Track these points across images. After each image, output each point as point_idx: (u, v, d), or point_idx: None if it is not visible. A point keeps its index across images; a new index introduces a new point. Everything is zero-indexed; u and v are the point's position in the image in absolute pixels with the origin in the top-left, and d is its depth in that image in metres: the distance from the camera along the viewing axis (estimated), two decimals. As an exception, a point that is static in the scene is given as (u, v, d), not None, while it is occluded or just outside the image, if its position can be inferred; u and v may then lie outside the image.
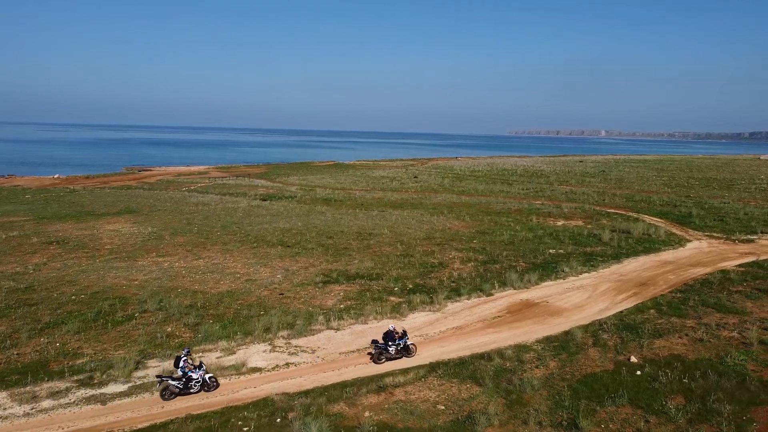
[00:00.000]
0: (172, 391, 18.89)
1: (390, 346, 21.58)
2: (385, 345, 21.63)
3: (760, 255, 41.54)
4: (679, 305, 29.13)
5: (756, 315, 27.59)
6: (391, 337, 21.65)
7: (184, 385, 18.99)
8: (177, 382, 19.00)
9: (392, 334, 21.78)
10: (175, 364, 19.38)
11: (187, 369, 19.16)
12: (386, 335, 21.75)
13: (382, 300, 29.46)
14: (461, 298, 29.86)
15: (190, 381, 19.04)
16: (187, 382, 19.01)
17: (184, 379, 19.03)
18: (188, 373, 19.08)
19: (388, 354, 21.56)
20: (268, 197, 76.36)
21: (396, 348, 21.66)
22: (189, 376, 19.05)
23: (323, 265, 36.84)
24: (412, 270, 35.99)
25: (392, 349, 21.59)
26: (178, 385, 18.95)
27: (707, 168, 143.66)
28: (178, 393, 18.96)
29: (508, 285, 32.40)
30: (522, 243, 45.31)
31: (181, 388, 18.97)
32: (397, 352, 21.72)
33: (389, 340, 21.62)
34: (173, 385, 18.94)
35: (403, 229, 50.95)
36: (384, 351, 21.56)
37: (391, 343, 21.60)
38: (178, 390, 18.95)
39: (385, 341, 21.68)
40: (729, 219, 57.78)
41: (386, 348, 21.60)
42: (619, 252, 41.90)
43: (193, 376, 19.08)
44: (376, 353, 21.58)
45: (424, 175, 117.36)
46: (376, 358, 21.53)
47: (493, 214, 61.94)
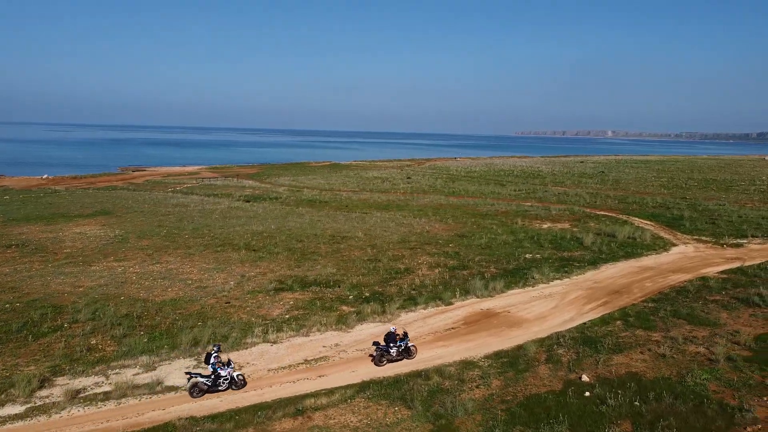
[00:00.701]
0: (200, 388, 18.75)
1: (391, 348, 21.22)
2: (386, 347, 21.26)
3: (746, 260, 39.62)
4: (648, 316, 27.31)
5: (729, 327, 25.74)
6: (393, 338, 21.27)
7: (212, 382, 18.90)
8: (205, 379, 18.86)
9: (393, 335, 21.39)
10: (206, 360, 19.24)
11: (217, 366, 19.03)
12: (387, 336, 21.36)
13: (332, 309, 27.77)
14: (417, 308, 28.12)
15: (218, 378, 18.96)
16: (215, 380, 18.93)
17: (213, 376, 18.94)
18: (218, 370, 18.96)
19: (390, 356, 21.24)
20: (252, 198, 74.82)
21: (397, 350, 21.35)
22: (218, 373, 18.94)
23: (283, 270, 35.20)
24: (375, 276, 34.30)
25: (393, 351, 21.27)
26: (206, 382, 18.85)
27: (709, 169, 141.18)
28: (207, 390, 18.88)
29: (471, 293, 30.65)
30: (499, 247, 43.54)
31: (210, 385, 18.87)
32: (398, 354, 21.41)
33: (391, 341, 21.25)
34: (202, 382, 18.81)
35: (379, 232, 49.26)
36: (386, 353, 21.23)
37: (393, 345, 21.23)
38: (207, 387, 18.87)
39: (386, 343, 21.29)
40: (721, 222, 55.82)
41: (387, 350, 21.25)
42: (598, 257, 40.05)
43: (221, 373, 18.97)
44: (378, 355, 21.19)
45: (418, 175, 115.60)
46: (378, 360, 21.11)
47: (478, 216, 60.17)
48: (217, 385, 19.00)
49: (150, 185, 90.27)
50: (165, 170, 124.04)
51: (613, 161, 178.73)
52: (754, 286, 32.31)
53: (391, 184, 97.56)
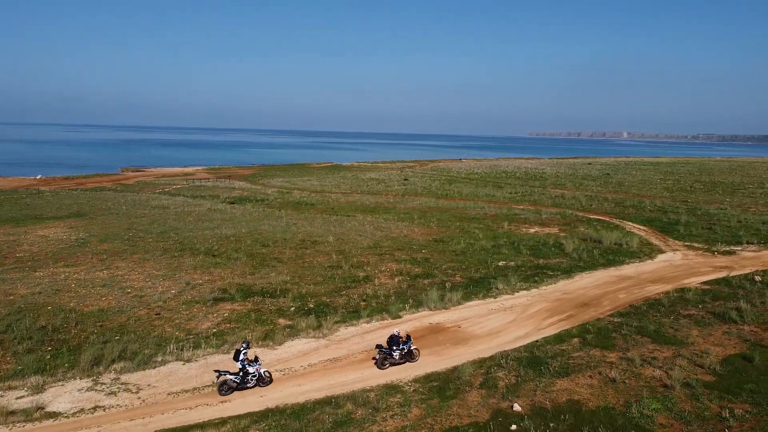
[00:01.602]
0: (230, 386, 18.74)
1: (394, 351, 20.82)
2: (389, 350, 20.86)
3: (734, 269, 36.99)
4: (609, 333, 24.94)
5: (696, 347, 23.29)
6: (396, 341, 20.84)
7: (241, 379, 18.86)
8: (234, 376, 18.85)
9: (397, 338, 20.92)
10: (235, 357, 19.13)
11: (246, 362, 18.96)
12: (391, 339, 20.92)
13: (266, 323, 25.74)
14: (359, 322, 25.99)
15: (246, 375, 18.93)
16: (244, 377, 18.89)
17: (241, 374, 18.88)
18: (246, 367, 18.93)
19: (393, 359, 20.85)
20: (237, 200, 73.16)
21: (400, 353, 20.95)
22: (246, 371, 18.90)
23: (234, 278, 33.26)
24: (329, 285, 32.24)
25: (396, 354, 20.89)
26: (235, 379, 18.83)
27: (719, 171, 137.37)
28: (236, 388, 18.86)
29: (424, 305, 28.45)
30: (475, 253, 41.28)
31: (239, 382, 18.84)
32: (401, 357, 21.05)
33: (394, 344, 20.85)
34: (231, 379, 18.76)
35: (352, 236, 47.20)
36: (388, 356, 20.81)
37: (396, 348, 20.82)
38: (236, 385, 18.85)
39: (389, 346, 20.89)
40: (718, 227, 53.04)
41: (390, 353, 20.84)
42: (575, 265, 37.65)
43: (249, 370, 18.92)
44: (380, 358, 20.75)
45: (416, 177, 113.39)
46: (380, 363, 20.72)
47: (464, 220, 57.91)
48: (246, 383, 18.88)
49: (139, 186, 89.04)
50: (162, 171, 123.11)
51: (622, 163, 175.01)
52: (735, 300, 29.77)
53: (385, 186, 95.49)
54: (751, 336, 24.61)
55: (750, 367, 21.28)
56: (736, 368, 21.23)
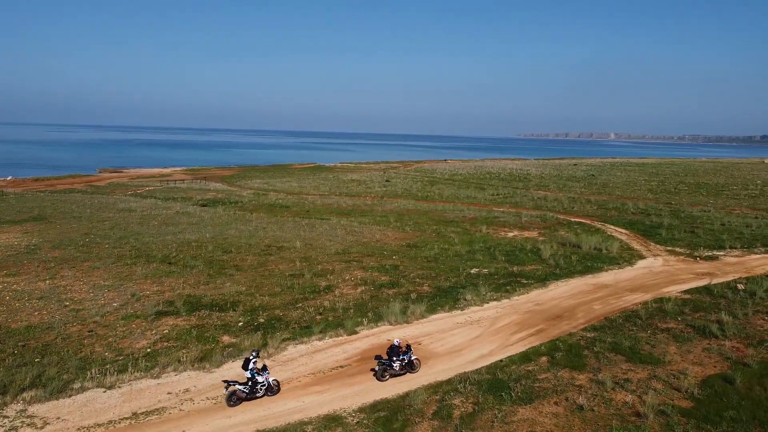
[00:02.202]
0: (239, 396, 17.98)
1: (394, 362, 19.92)
2: (389, 361, 19.95)
3: (716, 277, 35.28)
4: (581, 351, 22.99)
5: (673, 366, 21.40)
6: (396, 352, 19.97)
7: (250, 389, 18.11)
8: (243, 386, 18.05)
9: (397, 348, 20.01)
10: (244, 366, 18.32)
11: (255, 372, 18.24)
12: (390, 350, 20.02)
13: (207, 341, 23.53)
14: (311, 339, 23.84)
15: (256, 385, 18.22)
16: (253, 386, 18.16)
17: (250, 384, 18.14)
18: (255, 377, 18.18)
19: (393, 370, 19.96)
20: (210, 203, 70.79)
21: (400, 364, 20.06)
22: (255, 380, 18.16)
23: (184, 289, 30.99)
24: (286, 296, 30.08)
25: (396, 365, 19.98)
26: (244, 389, 18.06)
27: (704, 172, 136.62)
28: (245, 398, 18.05)
29: (384, 319, 26.37)
30: (447, 260, 39.30)
31: (247, 393, 18.06)
32: (401, 368, 20.16)
33: (394, 355, 19.96)
34: (240, 390, 18.02)
35: (322, 241, 45.05)
36: (388, 367, 19.90)
37: (396, 359, 19.93)
38: (245, 395, 18.05)
39: (389, 357, 19.97)
40: (701, 231, 51.49)
41: (390, 364, 19.92)
42: (551, 272, 35.77)
43: (259, 379, 18.23)
44: (380, 370, 19.82)
45: (398, 178, 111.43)
46: (380, 375, 19.79)
47: (441, 223, 55.98)
48: (255, 392, 18.17)
49: (111, 188, 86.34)
50: (139, 172, 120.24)
51: (608, 164, 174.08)
52: (716, 311, 27.98)
53: (366, 187, 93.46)
54: (733, 353, 22.78)
55: (731, 391, 19.40)
56: (716, 392, 19.34)
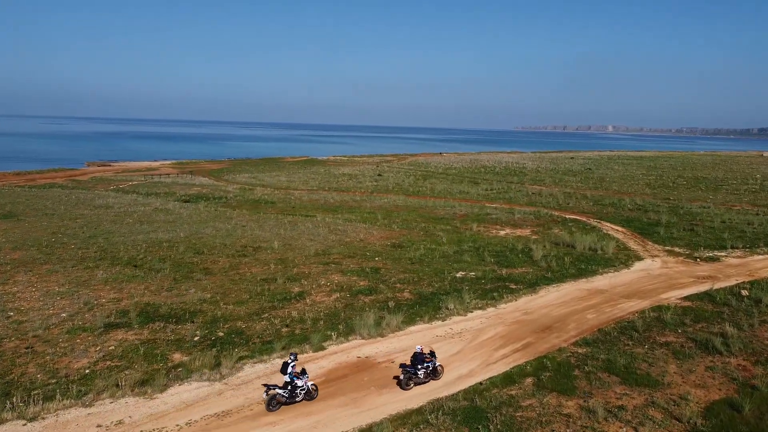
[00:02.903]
0: (278, 400, 17.72)
1: (419, 370, 19.28)
2: (414, 369, 19.30)
3: (718, 281, 33.04)
4: (571, 370, 20.69)
5: (673, 390, 19.10)
6: (420, 359, 19.34)
7: (289, 394, 17.82)
8: (283, 390, 17.78)
9: (421, 356, 19.38)
10: (282, 370, 18.07)
11: (294, 376, 17.92)
12: (415, 357, 19.38)
13: (157, 359, 21.17)
14: (271, 357, 21.49)
15: (295, 389, 17.93)
16: (292, 391, 17.86)
17: (290, 388, 17.85)
18: (294, 380, 17.89)
19: (417, 378, 19.31)
20: (192, 198, 68.32)
21: (425, 371, 19.43)
22: (294, 384, 17.89)
23: (143, 296, 28.61)
24: (253, 304, 27.72)
25: (421, 373, 19.34)
26: (284, 394, 17.78)
27: (702, 166, 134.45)
28: (284, 402, 17.80)
29: (356, 332, 24.02)
30: (432, 262, 36.99)
31: (287, 397, 17.79)
32: (425, 376, 19.53)
33: (418, 362, 19.31)
34: (280, 394, 17.72)
35: (302, 241, 42.67)
36: (413, 375, 19.27)
37: (420, 367, 19.28)
38: (285, 399, 17.78)
39: (413, 364, 19.30)
40: (701, 229, 49.28)
41: (415, 372, 19.28)
42: (542, 276, 33.48)
43: (298, 383, 17.96)
44: (405, 378, 19.19)
45: (391, 172, 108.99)
46: (404, 384, 19.19)
47: (431, 221, 53.67)
48: (294, 396, 17.92)
49: (93, 183, 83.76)
50: (126, 165, 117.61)
51: (605, 157, 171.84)
52: (720, 321, 25.72)
53: (356, 182, 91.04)
54: (739, 373, 20.52)
55: (738, 421, 17.13)
56: (722, 422, 17.07)
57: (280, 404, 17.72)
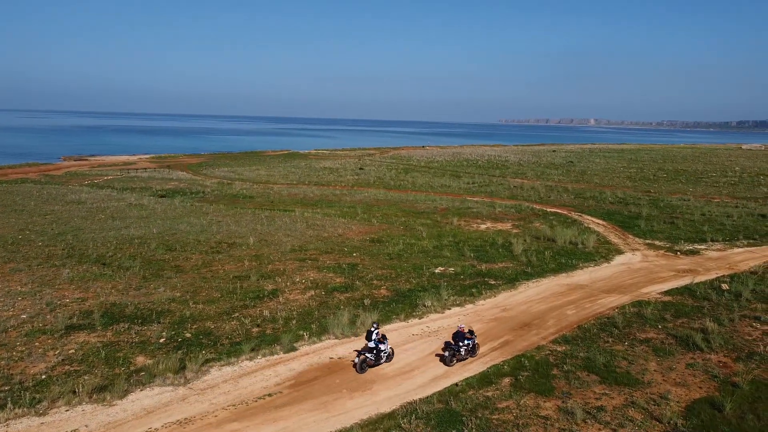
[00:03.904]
0: (368, 363, 19.91)
1: (461, 347, 20.56)
2: (457, 346, 20.56)
3: (698, 274, 32.78)
4: (549, 369, 20.11)
5: (653, 389, 18.60)
6: (462, 337, 20.66)
7: (375, 356, 19.94)
8: (371, 354, 19.85)
9: (462, 333, 20.74)
10: (368, 337, 20.00)
11: (378, 341, 19.90)
12: (456, 335, 20.72)
13: (119, 363, 20.20)
14: (240, 359, 20.61)
15: (380, 353, 20.00)
16: (377, 354, 19.93)
17: (375, 351, 19.87)
18: (378, 345, 19.94)
19: (459, 355, 20.61)
20: (169, 193, 66.87)
21: (466, 348, 20.71)
22: (379, 348, 19.96)
23: (110, 295, 27.52)
24: (224, 303, 26.77)
25: (463, 350, 20.67)
26: (371, 357, 19.89)
27: (682, 158, 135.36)
28: (372, 365, 19.98)
29: (330, 331, 23.22)
30: (412, 257, 36.30)
31: (374, 360, 19.95)
32: (466, 353, 20.85)
33: (460, 340, 20.61)
34: (369, 357, 19.86)
35: (279, 236, 41.73)
36: (456, 352, 20.55)
37: (462, 344, 20.57)
38: (372, 362, 19.96)
39: (455, 342, 20.60)
40: (681, 222, 49.24)
41: (458, 349, 20.57)
42: (522, 271, 32.94)
43: (381, 347, 20.03)
44: (449, 355, 20.45)
45: (373, 166, 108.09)
46: (449, 360, 20.46)
47: (411, 215, 52.97)
48: (379, 359, 20.05)
49: (67, 177, 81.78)
50: (102, 160, 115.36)
51: (587, 150, 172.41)
52: (700, 316, 25.37)
53: (337, 176, 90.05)
54: (720, 370, 20.10)
55: (720, 421, 16.66)
56: (703, 422, 16.59)
57: (369, 366, 19.87)
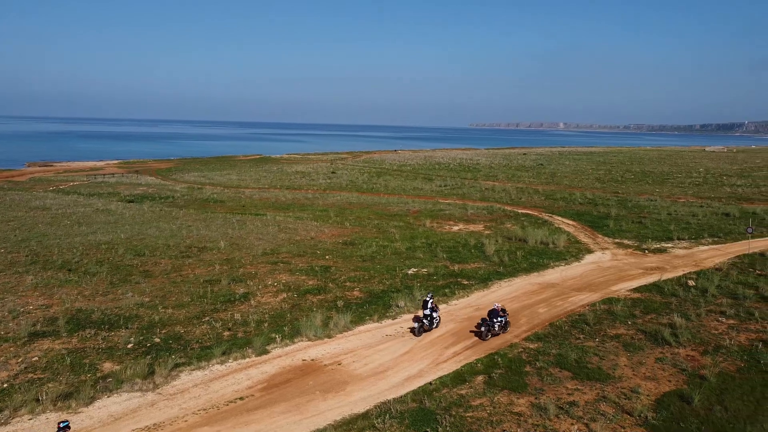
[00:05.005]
0: (424, 328, 22.91)
1: (495, 323, 22.65)
2: (492, 323, 22.64)
3: (666, 272, 33.38)
4: (522, 366, 20.22)
5: (624, 383, 18.83)
6: (496, 314, 22.75)
7: (429, 322, 22.86)
8: (426, 321, 22.83)
9: (497, 311, 22.89)
10: (424, 306, 23.04)
11: (431, 309, 22.80)
12: (491, 313, 22.84)
13: (85, 369, 19.68)
14: (210, 363, 20.25)
15: (433, 320, 22.99)
16: (431, 321, 22.87)
17: (429, 318, 22.80)
18: (432, 313, 22.91)
19: (494, 330, 22.75)
20: (138, 198, 65.71)
21: (499, 324, 22.78)
22: (432, 315, 22.94)
23: (75, 301, 26.84)
24: (195, 307, 26.32)
25: (497, 326, 22.79)
26: (426, 323, 22.84)
27: (649, 160, 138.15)
28: (426, 330, 22.97)
29: (302, 333, 22.99)
30: (384, 259, 36.22)
31: (429, 325, 22.88)
32: (500, 328, 22.97)
33: (494, 317, 22.71)
34: (425, 323, 22.82)
35: (250, 240, 41.26)
36: (491, 327, 22.63)
37: (496, 321, 22.66)
38: (427, 327, 22.92)
39: (490, 318, 22.72)
40: (648, 221, 50.10)
41: (493, 325, 22.64)
42: (494, 271, 33.13)
43: (434, 315, 23.09)
44: (485, 330, 22.58)
45: (345, 170, 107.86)
46: (485, 335, 22.60)
47: (384, 218, 52.92)
48: (432, 325, 23.08)
49: (31, 183, 79.80)
50: (69, 166, 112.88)
51: (556, 153, 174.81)
52: (668, 312, 25.81)
53: (309, 180, 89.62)
54: (688, 363, 20.45)
55: (688, 412, 16.93)
56: (673, 414, 16.83)
57: (425, 331, 22.92)
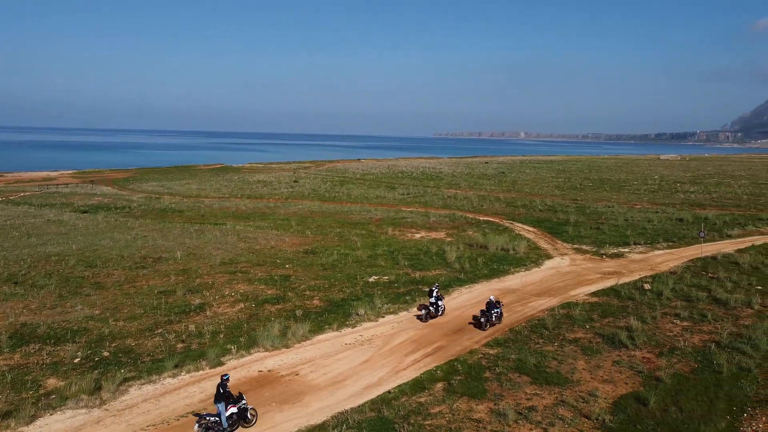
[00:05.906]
0: (431, 315, 25.17)
1: (492, 314, 24.06)
2: (490, 313, 24.03)
3: (623, 276, 33.91)
4: (482, 372, 20.09)
5: (582, 387, 18.88)
6: (493, 305, 24.29)
7: (435, 309, 25.35)
8: (432, 308, 25.17)
9: (494, 303, 24.48)
10: (430, 294, 25.42)
11: (437, 298, 25.30)
12: (489, 304, 24.30)
13: (27, 387, 18.70)
14: (162, 377, 19.50)
15: (438, 308, 25.43)
16: (437, 309, 25.34)
17: (435, 306, 25.26)
18: (437, 302, 25.36)
19: (491, 321, 24.13)
20: (92, 209, 63.74)
21: (496, 315, 24.29)
22: (437, 304, 25.38)
23: (20, 315, 25.66)
24: (147, 319, 25.43)
25: (494, 316, 24.23)
26: (433, 310, 25.15)
27: (607, 168, 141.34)
28: (433, 316, 25.33)
29: (259, 344, 22.41)
30: (345, 267, 35.81)
31: (435, 312, 25.31)
32: (496, 318, 24.44)
33: (492, 308, 24.12)
34: (431, 310, 25.15)
35: (209, 250, 40.31)
36: (489, 318, 24.00)
37: (493, 311, 24.11)
38: (434, 314, 25.27)
39: (488, 310, 24.07)
40: (606, 227, 50.97)
41: (490, 316, 24.04)
42: (456, 278, 33.10)
43: (440, 303, 25.52)
44: (485, 320, 23.91)
45: (308, 179, 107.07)
46: (484, 325, 23.95)
47: (346, 226, 52.50)
48: (437, 312, 25.24)
49: (-22, 194, 76.56)
50: (20, 176, 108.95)
51: (518, 162, 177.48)
52: (625, 315, 26.14)
53: (271, 189, 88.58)
54: (644, 365, 20.66)
55: (645, 414, 17.05)
56: (629, 416, 16.92)
57: (431, 317, 25.01)
